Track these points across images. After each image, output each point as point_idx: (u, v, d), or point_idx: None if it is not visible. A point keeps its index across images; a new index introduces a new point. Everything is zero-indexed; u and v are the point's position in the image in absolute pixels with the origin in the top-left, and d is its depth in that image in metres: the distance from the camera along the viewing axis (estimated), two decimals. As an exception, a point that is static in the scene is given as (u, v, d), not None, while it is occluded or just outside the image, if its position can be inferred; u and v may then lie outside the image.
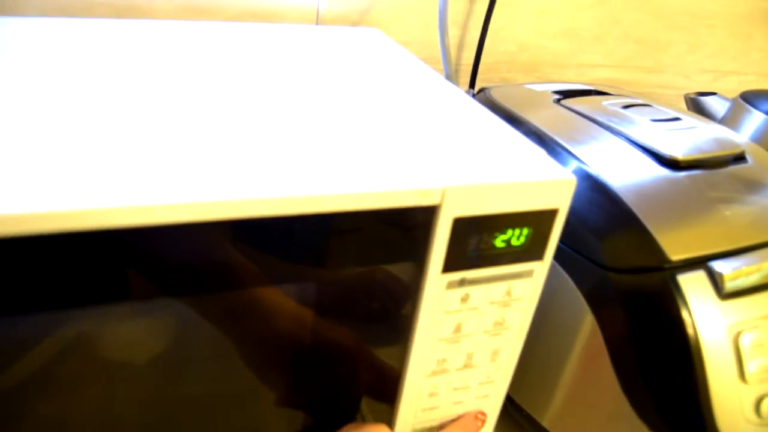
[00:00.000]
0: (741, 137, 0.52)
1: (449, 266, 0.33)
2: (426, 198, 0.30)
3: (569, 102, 0.53)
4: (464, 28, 0.61)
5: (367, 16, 0.58)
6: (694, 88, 0.75)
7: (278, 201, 0.27)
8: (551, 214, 0.34)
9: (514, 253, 0.34)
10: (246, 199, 0.26)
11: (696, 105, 0.67)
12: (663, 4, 0.69)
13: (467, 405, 0.40)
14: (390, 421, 0.38)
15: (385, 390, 0.37)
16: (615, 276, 0.39)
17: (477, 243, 0.33)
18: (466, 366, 0.38)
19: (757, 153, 0.49)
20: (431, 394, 0.38)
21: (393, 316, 0.35)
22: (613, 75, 0.71)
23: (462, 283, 0.34)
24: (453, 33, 0.61)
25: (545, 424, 0.46)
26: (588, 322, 0.41)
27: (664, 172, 0.43)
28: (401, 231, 0.31)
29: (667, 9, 0.70)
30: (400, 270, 0.32)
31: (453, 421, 0.39)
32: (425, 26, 0.60)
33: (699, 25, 0.73)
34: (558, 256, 0.42)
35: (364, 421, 0.38)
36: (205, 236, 0.27)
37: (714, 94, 0.66)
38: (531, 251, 0.35)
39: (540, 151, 0.35)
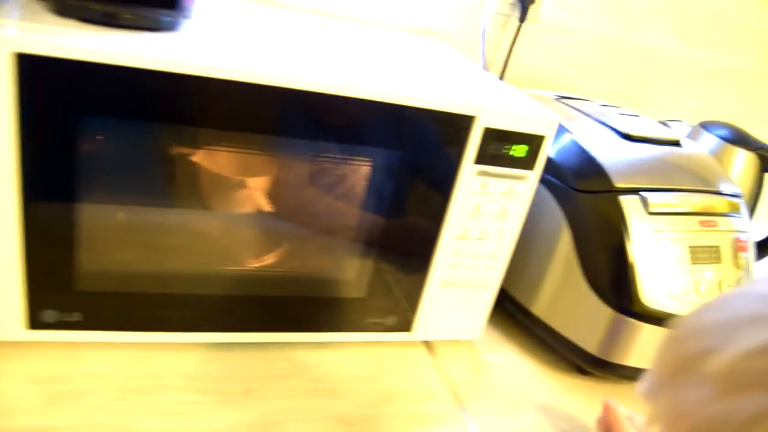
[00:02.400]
0: (683, 135, 0.77)
1: (478, 159, 0.57)
2: (470, 110, 0.55)
3: (566, 101, 0.79)
4: (495, 50, 0.88)
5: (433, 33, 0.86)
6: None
7: (389, 93, 0.52)
8: (541, 138, 0.59)
9: (517, 160, 0.59)
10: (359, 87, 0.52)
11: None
12: (650, 51, 0.96)
13: (479, 272, 0.63)
14: (425, 273, 0.62)
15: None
16: (582, 195, 0.64)
17: (495, 148, 0.58)
18: (480, 238, 0.62)
19: (692, 145, 0.75)
20: (455, 255, 0.62)
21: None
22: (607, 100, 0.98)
23: (484, 173, 0.58)
24: (489, 53, 0.88)
25: (534, 311, 0.69)
26: (564, 230, 0.65)
27: (621, 141, 0.69)
28: (453, 132, 0.56)
29: (652, 54, 0.97)
30: (449, 159, 0.57)
31: None
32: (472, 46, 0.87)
33: (678, 70, 1.00)
34: (547, 185, 0.66)
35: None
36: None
37: (679, 121, 0.91)
38: (527, 163, 0.59)
39: (540, 105, 0.61)
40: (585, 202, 0.64)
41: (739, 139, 0.89)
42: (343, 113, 0.53)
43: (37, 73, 0.44)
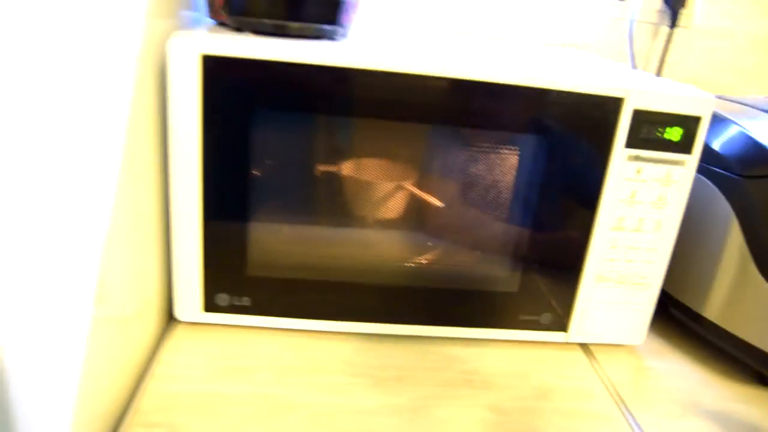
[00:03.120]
0: None
1: (629, 143, 0.56)
2: (618, 92, 0.55)
3: (728, 97, 0.75)
4: (646, 60, 0.86)
5: (581, 47, 0.86)
6: None
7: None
8: (697, 119, 0.56)
9: (672, 144, 0.57)
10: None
11: None
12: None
13: (638, 267, 0.61)
14: (579, 266, 0.60)
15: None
16: (750, 182, 0.60)
17: (647, 130, 0.56)
18: (637, 229, 0.59)
19: None
20: (612, 247, 0.60)
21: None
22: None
23: (637, 158, 0.57)
24: (640, 63, 0.87)
25: (706, 314, 0.64)
26: (733, 222, 0.61)
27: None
28: (602, 115, 0.56)
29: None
30: (599, 144, 0.57)
31: None
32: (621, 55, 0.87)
33: None
34: (710, 175, 0.63)
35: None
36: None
37: None
38: (683, 146, 0.57)
39: (695, 88, 0.59)
40: (755, 188, 0.60)
41: None
42: (490, 99, 0.55)
43: (218, 72, 0.52)
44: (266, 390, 0.53)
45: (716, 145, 0.64)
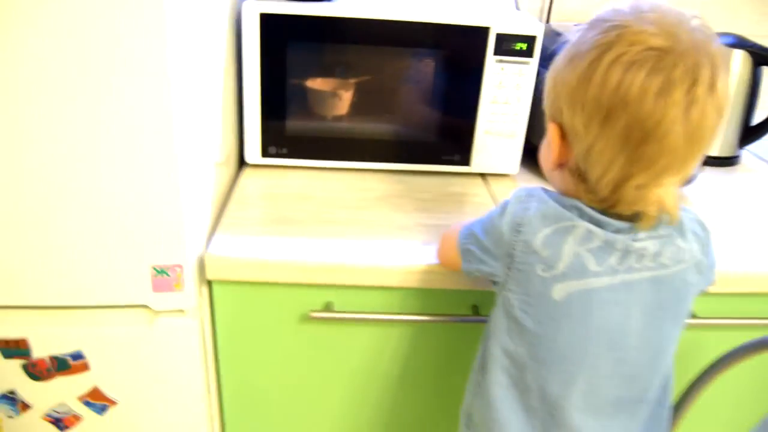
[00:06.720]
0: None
1: (496, 53, 1.04)
2: (487, 23, 1.02)
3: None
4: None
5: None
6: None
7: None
8: (533, 37, 1.04)
9: (521, 52, 1.05)
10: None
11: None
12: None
13: (509, 125, 1.09)
14: (474, 124, 1.09)
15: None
16: (570, 73, 1.07)
17: (506, 45, 1.04)
18: (506, 102, 1.08)
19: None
20: (492, 113, 1.08)
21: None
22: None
23: (501, 61, 1.05)
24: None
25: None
26: (563, 98, 1.08)
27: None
28: (478, 36, 1.03)
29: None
30: (479, 54, 1.04)
31: None
32: None
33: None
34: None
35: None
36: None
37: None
38: (528, 53, 1.05)
39: (533, 17, 1.06)
40: (572, 77, 1.07)
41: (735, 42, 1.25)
42: (417, 32, 1.03)
43: (268, 22, 1.00)
44: (303, 189, 1.03)
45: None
